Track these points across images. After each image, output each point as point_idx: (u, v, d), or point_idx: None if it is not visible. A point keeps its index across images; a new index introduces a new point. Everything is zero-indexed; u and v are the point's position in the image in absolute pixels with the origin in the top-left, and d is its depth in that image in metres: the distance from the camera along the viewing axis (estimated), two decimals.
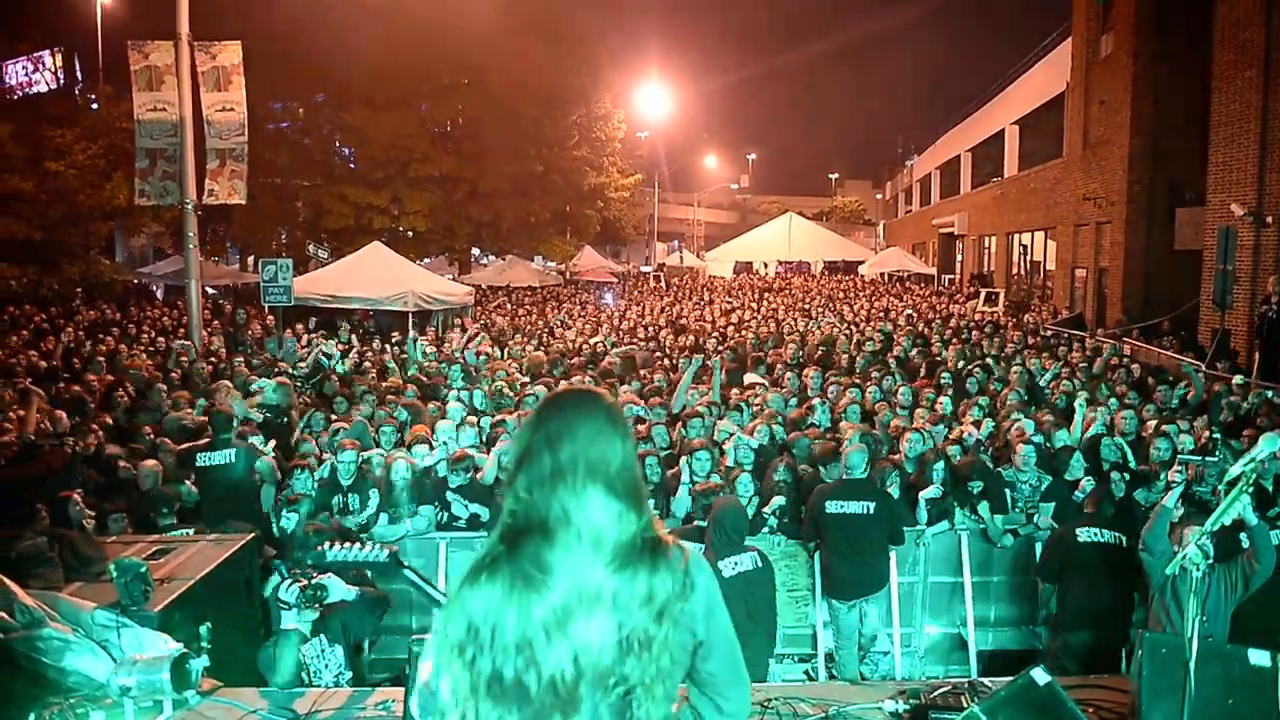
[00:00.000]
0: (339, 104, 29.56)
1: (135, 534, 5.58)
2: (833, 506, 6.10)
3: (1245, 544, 4.80)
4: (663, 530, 1.92)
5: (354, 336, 15.41)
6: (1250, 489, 2.82)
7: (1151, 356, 15.24)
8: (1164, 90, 19.53)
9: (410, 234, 31.51)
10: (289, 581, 4.08)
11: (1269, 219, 14.85)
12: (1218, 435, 7.12)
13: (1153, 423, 8.12)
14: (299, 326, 16.16)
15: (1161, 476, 6.34)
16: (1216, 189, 16.32)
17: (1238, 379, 10.44)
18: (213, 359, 12.79)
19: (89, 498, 6.35)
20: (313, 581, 3.90)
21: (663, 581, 1.82)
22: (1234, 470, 2.92)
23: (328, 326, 16.92)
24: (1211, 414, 9.05)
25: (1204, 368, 12.10)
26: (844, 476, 6.24)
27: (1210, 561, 4.62)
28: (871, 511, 6.07)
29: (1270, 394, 10.14)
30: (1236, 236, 14.68)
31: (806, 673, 6.51)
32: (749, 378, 11.29)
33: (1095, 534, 5.70)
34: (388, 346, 15.07)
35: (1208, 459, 5.67)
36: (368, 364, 12.60)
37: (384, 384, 10.93)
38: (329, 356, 11.95)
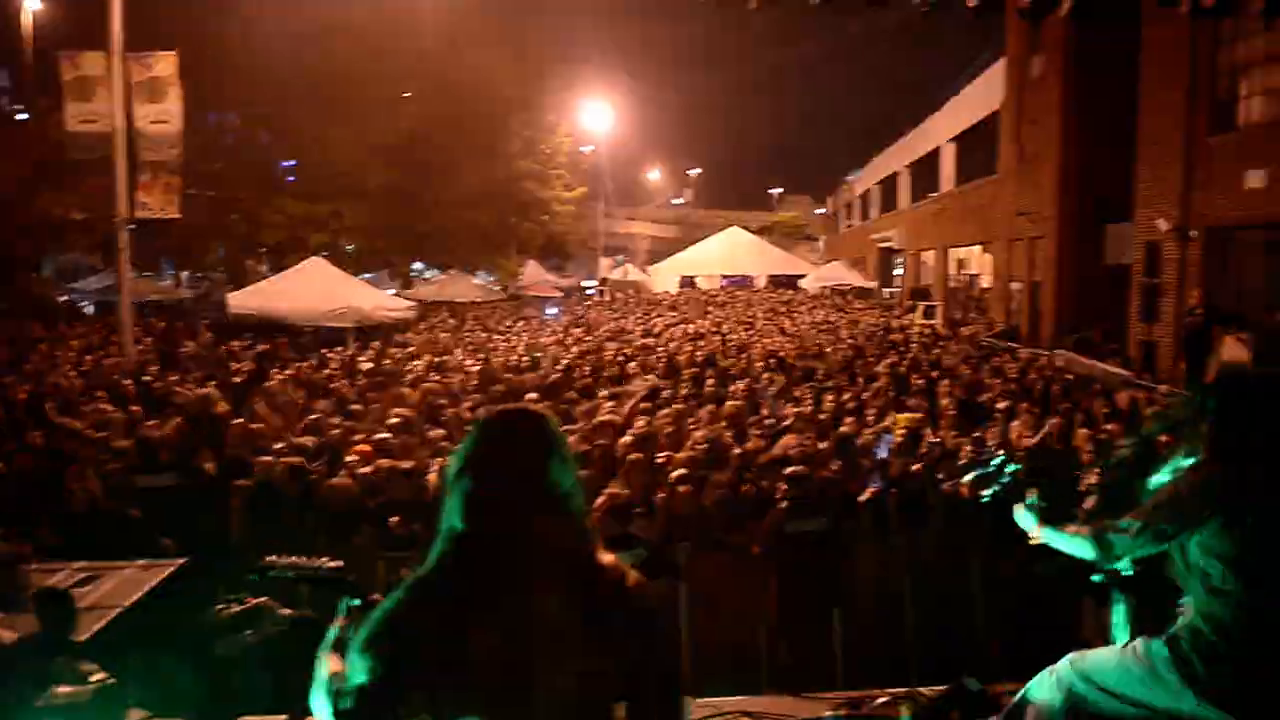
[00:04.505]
0: (278, 115, 29.11)
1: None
2: (790, 528, 6.05)
3: None
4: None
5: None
6: None
7: (1083, 368, 15.67)
8: (1093, 110, 20.15)
9: (351, 248, 31.11)
10: (224, 606, 4.00)
11: (1192, 234, 15.39)
12: (1139, 441, 7.34)
13: (1083, 432, 8.35)
14: (235, 343, 15.83)
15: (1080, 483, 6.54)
16: (1143, 205, 16.90)
17: (1163, 389, 10.80)
18: (145, 377, 12.47)
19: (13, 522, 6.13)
20: (248, 605, 3.82)
21: (612, 602, 1.83)
22: (1155, 479, 3.02)
23: (266, 342, 16.60)
24: (1130, 422, 9.35)
25: (1132, 378, 12.50)
26: (796, 495, 6.21)
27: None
28: (826, 528, 6.10)
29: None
30: (1162, 251, 15.19)
31: (752, 685, 6.52)
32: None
33: None
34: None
35: (1120, 463, 5.80)
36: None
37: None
38: None
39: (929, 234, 34.21)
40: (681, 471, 7.23)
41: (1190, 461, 2.91)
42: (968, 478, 5.75)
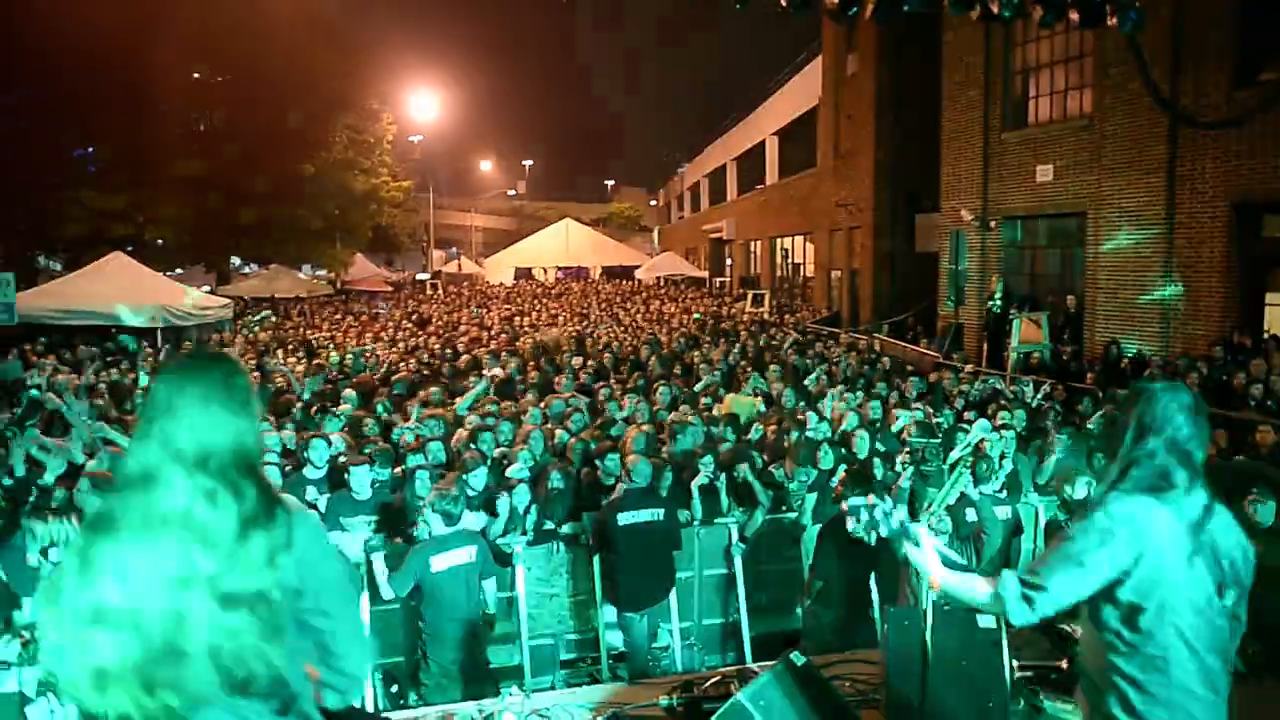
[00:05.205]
0: (72, 99, 26.67)
1: None
2: (625, 518, 6.01)
3: (971, 517, 5.30)
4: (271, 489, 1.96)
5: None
6: (968, 468, 3.10)
7: (898, 350, 16.62)
8: (903, 106, 21.31)
9: (159, 242, 29.04)
10: (8, 637, 3.66)
11: (992, 224, 16.56)
12: (942, 419, 7.86)
13: (897, 411, 8.84)
14: (26, 348, 14.46)
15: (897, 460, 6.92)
16: (948, 196, 18.04)
17: (969, 367, 11.59)
18: None
19: None
20: (35, 635, 3.50)
21: (265, 538, 1.84)
22: (955, 454, 3.22)
23: (62, 347, 15.25)
24: (934, 400, 9.99)
25: (941, 359, 13.34)
26: (630, 486, 6.18)
27: (948, 535, 5.06)
28: (662, 518, 6.13)
29: (993, 381, 11.33)
30: (966, 240, 16.25)
31: (591, 675, 6.55)
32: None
33: None
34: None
35: (930, 440, 6.21)
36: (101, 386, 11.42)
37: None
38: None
39: (756, 225, 35.36)
40: (519, 464, 7.17)
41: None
42: (852, 525, 5.83)
